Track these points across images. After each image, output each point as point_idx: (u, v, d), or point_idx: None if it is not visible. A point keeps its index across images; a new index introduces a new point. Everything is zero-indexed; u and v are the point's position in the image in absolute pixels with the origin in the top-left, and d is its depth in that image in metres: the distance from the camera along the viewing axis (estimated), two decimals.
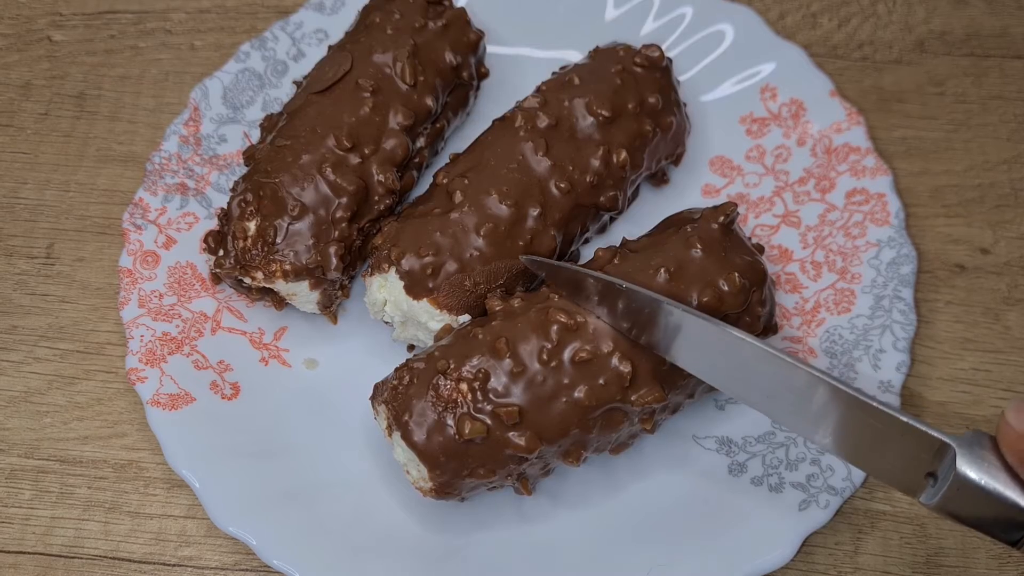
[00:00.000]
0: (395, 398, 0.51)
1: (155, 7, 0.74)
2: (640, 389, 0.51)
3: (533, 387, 0.50)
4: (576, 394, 0.50)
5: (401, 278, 0.56)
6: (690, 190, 0.66)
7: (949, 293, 0.63)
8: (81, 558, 0.56)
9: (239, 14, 0.74)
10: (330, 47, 0.64)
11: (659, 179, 0.65)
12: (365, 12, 0.64)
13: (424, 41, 0.61)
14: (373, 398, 0.53)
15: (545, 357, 0.50)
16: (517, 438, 0.50)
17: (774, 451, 0.56)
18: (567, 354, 0.51)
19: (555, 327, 0.51)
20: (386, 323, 0.59)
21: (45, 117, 0.70)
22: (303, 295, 0.58)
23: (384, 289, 0.56)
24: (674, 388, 0.53)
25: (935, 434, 0.40)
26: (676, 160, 0.65)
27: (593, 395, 0.50)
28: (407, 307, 0.56)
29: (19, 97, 0.71)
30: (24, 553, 0.56)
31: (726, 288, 0.53)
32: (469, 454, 0.50)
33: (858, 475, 0.54)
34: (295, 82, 0.65)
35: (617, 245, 0.57)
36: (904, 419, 0.41)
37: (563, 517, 0.55)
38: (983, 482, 0.39)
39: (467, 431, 0.49)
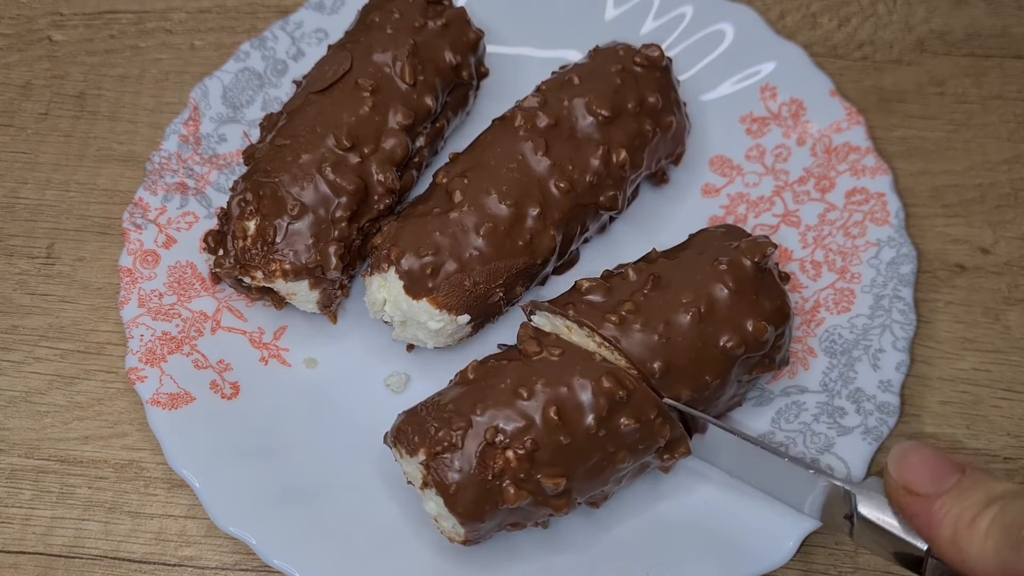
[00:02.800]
0: (439, 464, 0.49)
1: (155, 7, 0.74)
2: (673, 450, 0.53)
3: (580, 457, 0.50)
4: (616, 457, 0.51)
5: (401, 278, 0.55)
6: (690, 190, 0.66)
7: (949, 293, 0.63)
8: (81, 558, 0.56)
9: (239, 14, 0.74)
10: (330, 46, 0.64)
11: (659, 179, 0.65)
12: (365, 11, 0.64)
13: (424, 40, 0.61)
14: (399, 444, 0.51)
15: (594, 428, 0.50)
16: (556, 500, 0.50)
17: None
18: (615, 424, 0.50)
19: (604, 399, 0.50)
20: (386, 323, 0.59)
21: (45, 117, 0.70)
22: (303, 294, 0.58)
23: (384, 289, 0.56)
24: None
25: (839, 484, 0.48)
26: (676, 160, 0.64)
27: (631, 458, 0.51)
28: (407, 307, 0.56)
29: (19, 97, 0.71)
30: (24, 553, 0.56)
31: (751, 332, 0.53)
32: (508, 513, 0.50)
33: (858, 474, 0.54)
34: (295, 81, 0.65)
35: (645, 258, 0.56)
36: (819, 474, 0.49)
37: (563, 519, 0.55)
38: (878, 521, 0.46)
39: (512, 500, 0.49)
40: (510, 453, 0.49)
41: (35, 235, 0.66)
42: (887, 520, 0.46)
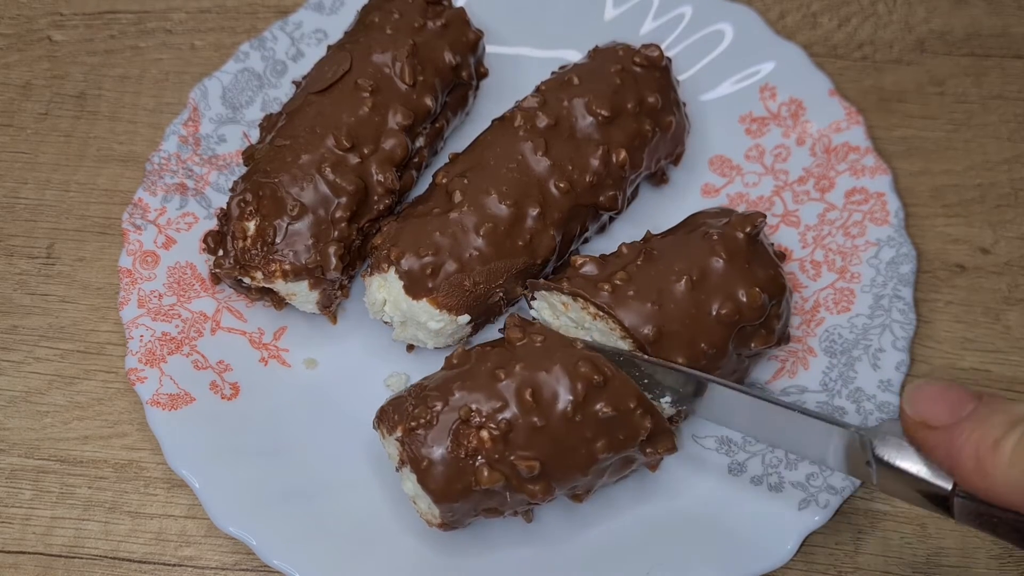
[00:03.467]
0: (412, 440, 0.50)
1: (155, 7, 0.75)
2: (656, 444, 0.52)
3: (555, 442, 0.50)
4: (595, 446, 0.50)
5: (400, 278, 0.56)
6: (690, 190, 0.66)
7: (949, 293, 0.63)
8: (81, 558, 0.56)
9: (239, 14, 0.74)
10: (329, 47, 0.64)
11: (659, 179, 0.65)
12: (364, 12, 0.64)
13: (423, 41, 0.61)
14: (381, 424, 0.52)
15: (570, 412, 0.50)
16: (532, 486, 0.50)
17: (773, 450, 0.56)
18: (592, 410, 0.50)
19: (582, 384, 0.50)
20: (385, 323, 0.59)
21: (45, 117, 0.70)
22: (302, 295, 0.58)
23: (383, 289, 0.56)
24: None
25: (854, 430, 0.46)
26: (676, 160, 0.64)
27: (610, 447, 0.51)
28: (406, 307, 0.56)
29: (19, 97, 0.71)
30: (24, 553, 0.56)
31: (746, 301, 0.53)
32: (483, 497, 0.50)
33: None
34: (294, 82, 0.65)
35: (641, 239, 0.57)
36: (834, 426, 0.47)
37: (563, 518, 0.55)
38: (896, 462, 0.43)
39: (486, 481, 0.49)
40: (484, 433, 0.49)
41: (35, 235, 0.66)
42: (908, 462, 0.43)
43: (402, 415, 0.51)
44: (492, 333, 0.61)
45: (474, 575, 0.53)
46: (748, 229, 0.54)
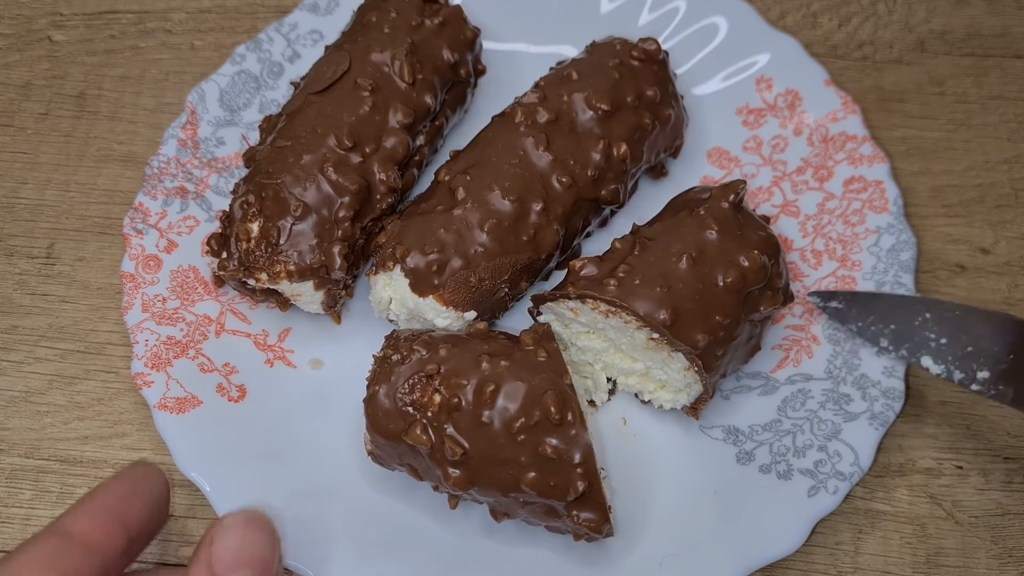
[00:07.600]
0: (384, 364, 0.52)
1: (155, 7, 0.74)
2: (583, 509, 0.50)
3: (489, 444, 0.49)
4: (524, 474, 0.49)
5: (406, 276, 0.55)
6: (689, 182, 0.66)
7: (949, 293, 0.63)
8: None
9: (239, 14, 0.74)
10: (326, 47, 0.64)
11: (658, 172, 0.65)
12: (361, 12, 0.65)
13: (421, 39, 0.61)
14: (386, 339, 0.54)
15: (516, 428, 0.49)
16: (452, 471, 0.50)
17: (781, 439, 0.56)
18: (537, 439, 0.49)
19: (540, 411, 0.49)
20: (391, 321, 0.59)
21: (45, 117, 0.70)
22: (308, 295, 0.58)
23: (389, 287, 0.56)
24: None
25: None
26: (675, 152, 0.65)
27: (537, 487, 0.49)
28: (413, 304, 0.56)
29: (19, 97, 0.71)
30: None
31: (747, 264, 0.53)
32: (408, 451, 0.51)
33: (866, 460, 0.54)
34: (292, 83, 0.65)
35: (629, 232, 0.57)
36: None
37: None
38: None
39: (413, 438, 0.50)
40: (437, 396, 0.50)
41: (35, 235, 0.66)
42: None
43: (394, 341, 0.53)
44: (498, 329, 0.60)
45: (481, 568, 0.53)
46: (732, 197, 0.55)
